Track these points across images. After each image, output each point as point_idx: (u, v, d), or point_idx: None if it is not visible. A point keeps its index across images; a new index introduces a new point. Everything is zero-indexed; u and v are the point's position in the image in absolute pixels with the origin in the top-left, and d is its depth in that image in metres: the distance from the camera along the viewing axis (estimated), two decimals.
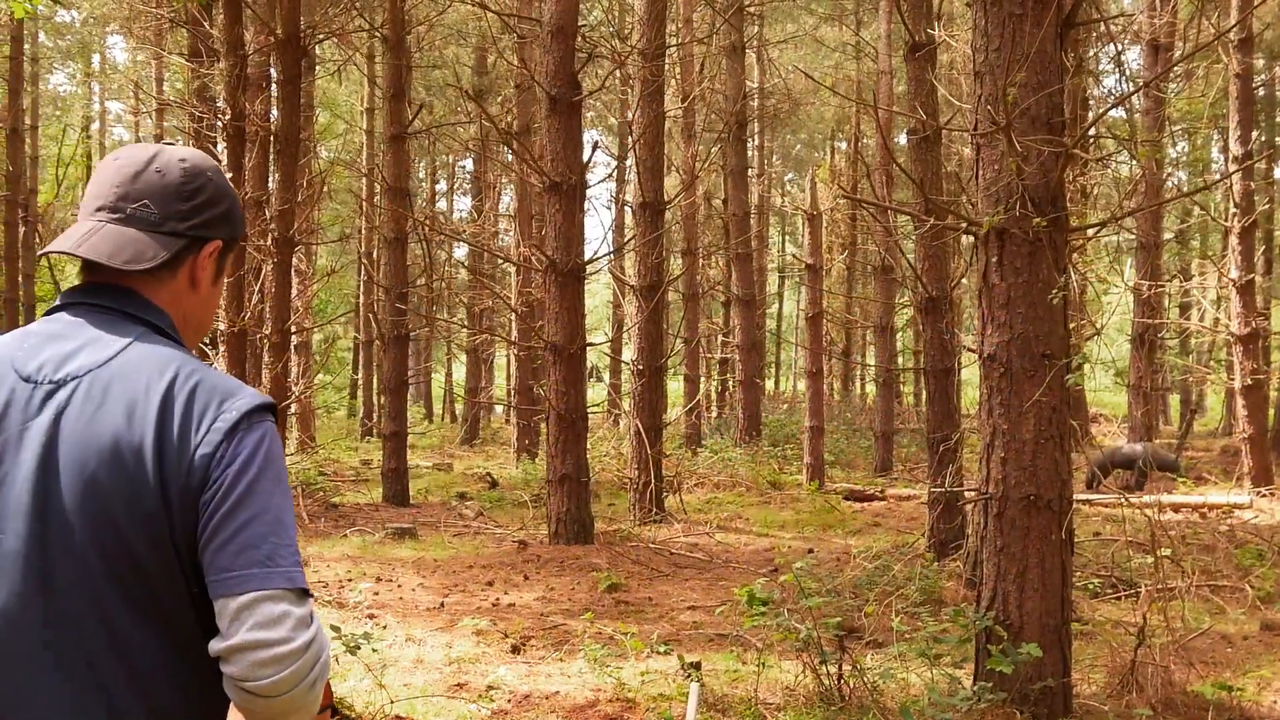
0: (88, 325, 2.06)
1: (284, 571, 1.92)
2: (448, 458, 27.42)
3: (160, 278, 2.13)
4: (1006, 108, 6.08)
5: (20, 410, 1.97)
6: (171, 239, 2.12)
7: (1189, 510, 15.82)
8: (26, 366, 2.01)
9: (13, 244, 25.27)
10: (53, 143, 34.57)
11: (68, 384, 1.98)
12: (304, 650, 1.89)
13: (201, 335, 2.31)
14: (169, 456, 1.93)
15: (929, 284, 12.33)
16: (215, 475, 1.94)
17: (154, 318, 2.11)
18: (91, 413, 1.95)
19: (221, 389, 2.02)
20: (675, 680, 7.39)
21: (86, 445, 1.93)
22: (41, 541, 1.92)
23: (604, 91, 26.16)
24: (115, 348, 2.02)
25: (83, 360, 2.00)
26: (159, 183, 2.13)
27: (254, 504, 1.94)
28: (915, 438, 28.00)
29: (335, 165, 28.89)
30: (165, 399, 1.96)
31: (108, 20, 33.08)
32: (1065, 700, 6.37)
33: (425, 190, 40.32)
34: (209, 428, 1.96)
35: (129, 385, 1.97)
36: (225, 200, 2.22)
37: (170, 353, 2.05)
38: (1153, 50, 20.36)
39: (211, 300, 2.27)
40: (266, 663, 1.86)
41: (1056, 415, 6.36)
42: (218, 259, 2.23)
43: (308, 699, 1.92)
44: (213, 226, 2.19)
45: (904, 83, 14.19)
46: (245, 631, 1.87)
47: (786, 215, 48.81)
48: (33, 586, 1.92)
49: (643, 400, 16.41)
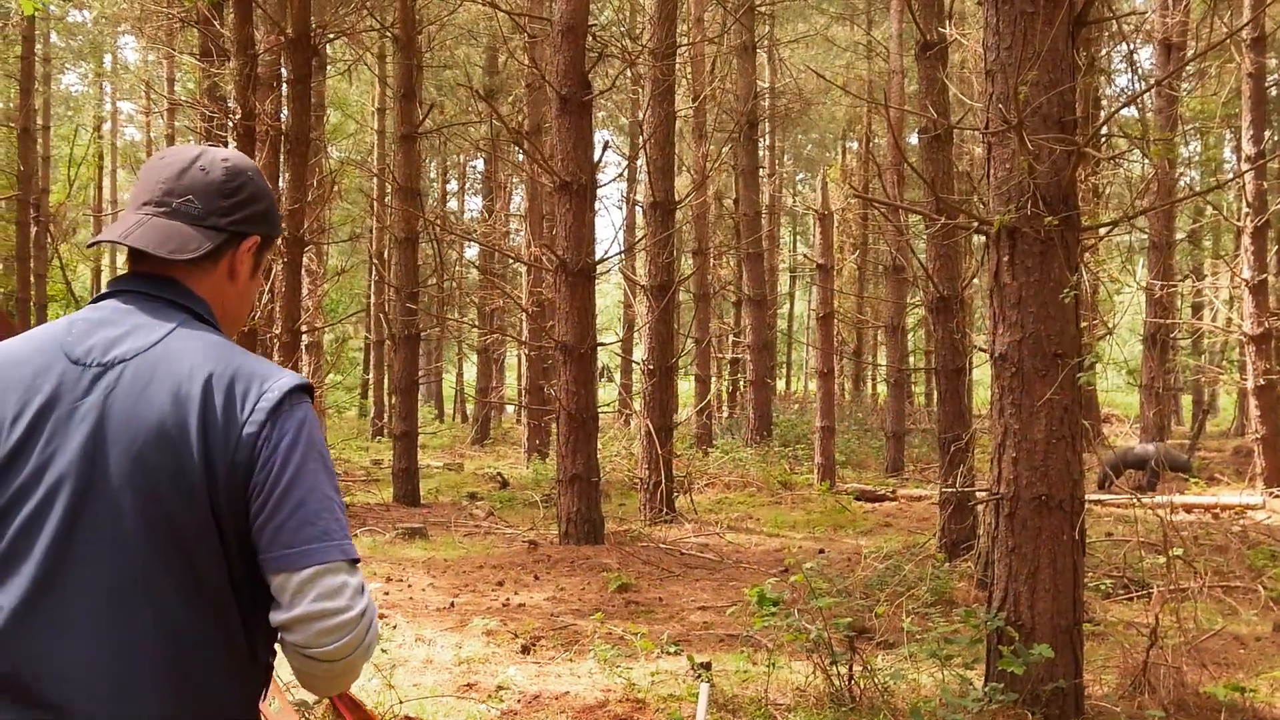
0: (134, 311, 2.18)
1: (338, 544, 2.07)
2: (458, 457, 27.44)
3: (203, 268, 2.27)
4: (1018, 106, 6.06)
5: (70, 391, 2.07)
6: (214, 232, 2.25)
7: (1201, 511, 15.77)
8: (75, 350, 2.11)
9: (24, 244, 25.31)
10: (64, 143, 34.67)
11: (115, 367, 2.08)
12: (361, 617, 2.05)
13: (238, 326, 2.43)
14: (214, 435, 2.03)
15: (940, 283, 12.30)
16: (263, 455, 2.05)
17: (196, 306, 2.23)
18: (138, 394, 2.05)
19: (260, 371, 2.13)
20: (685, 681, 7.37)
21: (133, 424, 2.03)
22: (89, 517, 2.01)
23: (615, 91, 26.15)
24: (160, 333, 2.14)
25: (129, 345, 2.11)
26: (203, 180, 2.27)
27: (304, 483, 2.07)
28: (927, 438, 27.95)
29: (346, 165, 28.89)
30: (208, 381, 2.07)
31: (119, 20, 33.13)
32: (1077, 701, 6.35)
33: (436, 190, 40.33)
34: (253, 407, 2.07)
35: (173, 368, 2.08)
36: (264, 199, 2.35)
37: (211, 338, 2.17)
38: (1165, 49, 20.29)
39: (248, 293, 2.39)
40: (329, 630, 2.01)
41: (1068, 415, 6.34)
42: (256, 254, 2.36)
43: (364, 660, 2.09)
44: (252, 223, 2.32)
45: (915, 82, 14.17)
46: (309, 603, 2.01)
47: (798, 215, 48.77)
48: (79, 561, 2.00)
49: (653, 400, 16.40)
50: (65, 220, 33.26)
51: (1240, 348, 20.83)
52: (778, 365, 43.24)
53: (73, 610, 1.98)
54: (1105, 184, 20.28)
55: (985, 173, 6.73)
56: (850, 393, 40.46)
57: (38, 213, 27.56)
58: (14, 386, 2.09)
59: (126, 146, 44.23)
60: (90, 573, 2.00)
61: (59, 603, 1.99)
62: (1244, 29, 18.00)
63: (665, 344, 16.90)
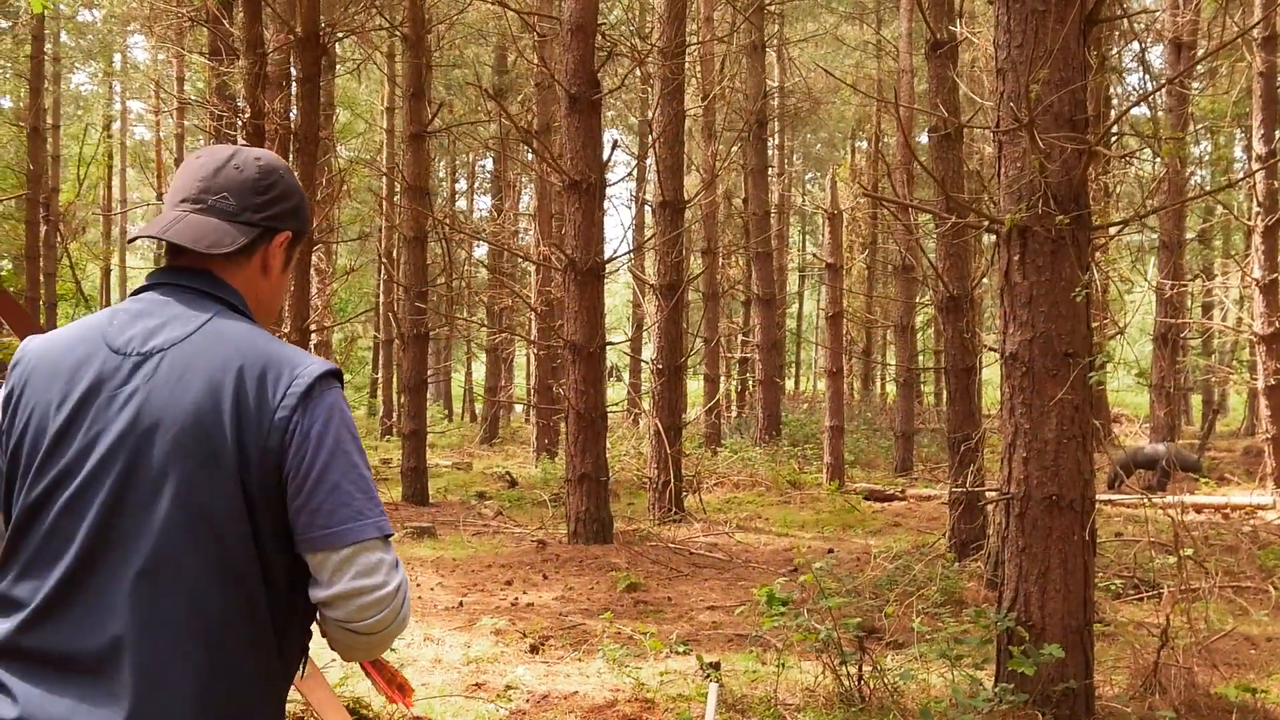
0: (172, 303, 2.29)
1: (373, 522, 2.19)
2: (467, 457, 27.44)
3: (237, 262, 2.38)
4: (1029, 105, 6.04)
5: (111, 380, 2.18)
6: (247, 228, 2.37)
7: (1211, 511, 15.73)
8: (116, 340, 2.22)
9: (34, 242, 25.32)
10: (74, 142, 34.73)
11: (154, 356, 2.19)
12: (397, 591, 2.20)
13: (271, 318, 2.54)
14: (246, 421, 2.14)
15: (950, 283, 12.28)
16: (295, 440, 2.17)
17: (230, 297, 2.34)
18: (175, 382, 2.16)
19: (291, 359, 2.24)
20: (694, 680, 7.36)
21: (170, 411, 2.14)
22: (127, 499, 2.11)
23: (624, 90, 26.13)
24: (196, 323, 2.24)
25: (167, 335, 2.22)
26: (237, 178, 2.39)
27: (337, 465, 2.18)
28: (936, 437, 27.90)
29: (355, 164, 28.90)
30: (240, 369, 2.18)
31: (128, 19, 33.12)
32: (1087, 702, 6.33)
33: (445, 189, 40.33)
34: (284, 393, 2.18)
35: (208, 357, 2.19)
36: (295, 196, 2.48)
37: (245, 328, 2.28)
38: (1175, 48, 20.25)
39: (280, 286, 2.51)
40: (368, 606, 2.15)
41: (1079, 415, 6.32)
42: (287, 248, 2.48)
43: (400, 630, 2.24)
44: (283, 219, 2.44)
45: (924, 81, 14.14)
46: (348, 580, 2.15)
47: (807, 214, 48.76)
48: (116, 541, 2.10)
49: (662, 399, 16.38)
50: (75, 219, 33.26)
51: (1250, 347, 20.74)
52: (786, 364, 43.26)
53: (109, 588, 2.08)
54: (1115, 183, 20.25)
55: (996, 171, 6.71)
56: (859, 392, 40.40)
57: (47, 212, 27.62)
58: (59, 374, 2.21)
59: (136, 145, 44.28)
60: (126, 552, 2.09)
61: (97, 580, 2.09)
62: (1255, 28, 17.94)
63: (674, 343, 16.89)
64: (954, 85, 12.48)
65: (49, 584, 2.10)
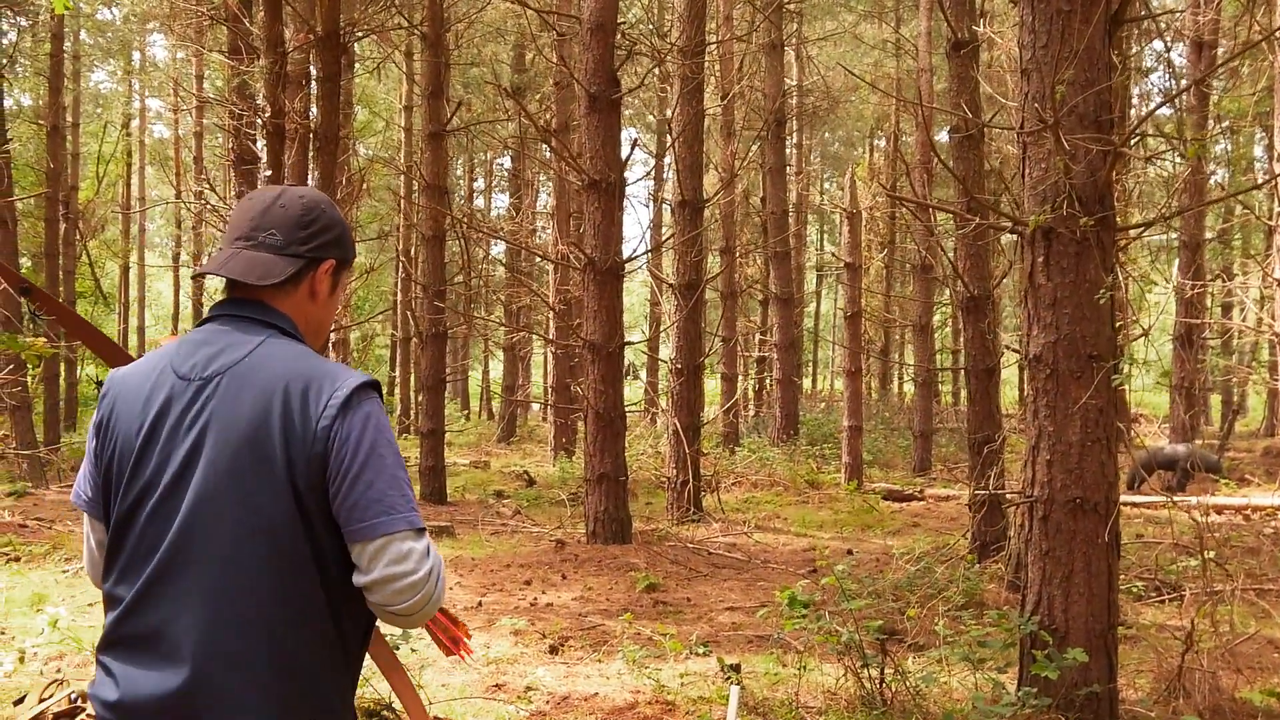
0: (230, 331, 2.60)
1: (404, 516, 2.45)
2: (485, 455, 27.46)
3: (286, 290, 2.68)
4: (1055, 105, 6.00)
5: (179, 402, 2.51)
6: (294, 259, 2.67)
7: (1232, 512, 15.65)
8: (182, 368, 2.56)
9: (53, 240, 25.37)
10: (93, 140, 34.79)
11: (214, 379, 2.51)
12: (428, 577, 2.44)
13: (322, 338, 2.82)
14: (293, 433, 2.43)
15: (971, 283, 12.23)
16: (335, 445, 2.44)
17: (281, 322, 2.64)
18: (232, 400, 2.47)
19: (332, 374, 2.52)
20: (715, 682, 7.34)
21: (230, 427, 2.45)
22: (200, 506, 2.43)
23: (643, 89, 26.12)
24: (249, 347, 2.55)
25: (224, 359, 2.53)
26: (283, 215, 2.69)
27: (373, 467, 2.45)
28: (954, 437, 27.86)
29: (374, 163, 28.92)
30: (287, 386, 2.47)
31: (148, 18, 33.27)
32: (1111, 707, 6.29)
33: (463, 188, 40.33)
34: (326, 404, 2.46)
35: (260, 377, 2.49)
36: (337, 228, 2.77)
37: (292, 349, 2.58)
38: (1196, 48, 20.17)
39: (328, 309, 2.80)
40: (401, 590, 2.41)
41: (1103, 417, 6.28)
42: (333, 275, 2.77)
43: (435, 608, 2.49)
44: (327, 249, 2.73)
45: (944, 80, 14.09)
46: (381, 568, 2.41)
47: (825, 213, 48.66)
48: (194, 543, 2.42)
49: (681, 399, 16.36)
50: (94, 217, 33.32)
51: (1271, 348, 20.66)
52: (804, 364, 43.19)
53: (188, 583, 2.41)
54: (1136, 184, 20.16)
55: (1019, 172, 6.67)
56: (877, 392, 40.36)
57: (66, 209, 27.67)
58: (137, 401, 2.56)
59: (155, 144, 44.37)
60: (202, 552, 2.41)
61: (180, 577, 2.42)
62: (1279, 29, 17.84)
63: (693, 342, 16.86)
64: (975, 85, 12.42)
65: (140, 581, 2.45)
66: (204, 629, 2.39)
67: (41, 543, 12.90)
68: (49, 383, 24.06)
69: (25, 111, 32.25)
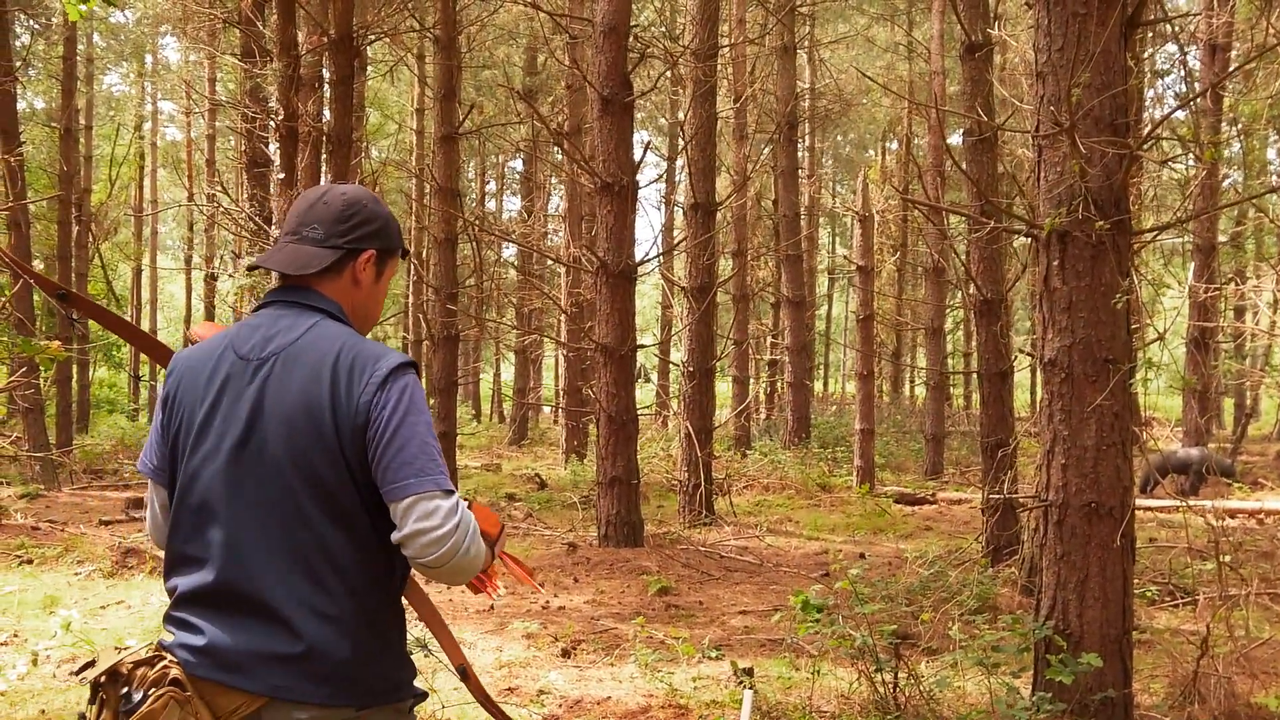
0: (283, 315, 2.90)
1: (431, 478, 2.70)
2: (496, 458, 27.46)
3: (330, 278, 2.97)
4: (1070, 108, 5.98)
5: (238, 379, 2.81)
6: (332, 250, 2.96)
7: (1246, 516, 15.61)
8: (242, 349, 2.85)
9: (65, 243, 25.36)
10: (106, 142, 34.84)
11: (270, 359, 2.80)
12: (454, 531, 2.67)
13: (370, 323, 3.11)
14: (340, 405, 2.72)
15: (984, 286, 12.21)
16: (374, 416, 2.72)
17: (328, 306, 2.93)
18: (286, 377, 2.77)
19: (374, 354, 2.80)
20: (727, 686, 7.33)
21: (284, 400, 2.75)
22: (259, 469, 2.74)
23: (655, 92, 26.11)
24: (301, 330, 2.85)
25: (279, 341, 2.83)
26: (325, 211, 2.99)
27: (403, 434, 2.71)
28: (966, 440, 27.81)
29: (386, 165, 28.94)
30: (335, 364, 2.76)
31: (161, 21, 33.27)
32: (1126, 712, 6.26)
33: (475, 190, 40.37)
34: (366, 382, 2.74)
35: (311, 357, 2.79)
36: (377, 221, 3.03)
37: (340, 330, 2.87)
38: (1210, 51, 20.12)
39: (373, 296, 3.07)
40: (429, 544, 2.66)
41: (1119, 421, 6.25)
42: (375, 264, 3.04)
43: (466, 561, 2.72)
44: (366, 240, 3.00)
45: (957, 83, 14.06)
46: (411, 524, 2.66)
47: (837, 216, 48.63)
48: (256, 500, 2.73)
49: (693, 402, 16.34)
50: (106, 220, 33.39)
51: None
52: (816, 367, 43.14)
53: (258, 535, 2.72)
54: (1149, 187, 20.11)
55: (1034, 175, 6.65)
56: (889, 395, 40.28)
57: (79, 212, 27.72)
58: (201, 377, 2.86)
59: (167, 146, 44.43)
60: (265, 508, 2.72)
61: (249, 531, 2.72)
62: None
63: (705, 345, 16.84)
64: (990, 88, 12.40)
65: (211, 541, 2.75)
66: (282, 582, 2.69)
67: (54, 545, 12.92)
68: (61, 385, 24.05)
69: (38, 114, 32.31)
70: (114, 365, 43.92)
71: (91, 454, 23.59)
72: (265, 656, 2.67)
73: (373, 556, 2.78)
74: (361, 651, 2.74)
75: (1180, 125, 18.47)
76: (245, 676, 2.66)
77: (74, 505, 16.92)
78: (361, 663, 2.75)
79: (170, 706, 2.63)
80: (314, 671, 2.68)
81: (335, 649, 2.70)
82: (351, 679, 2.73)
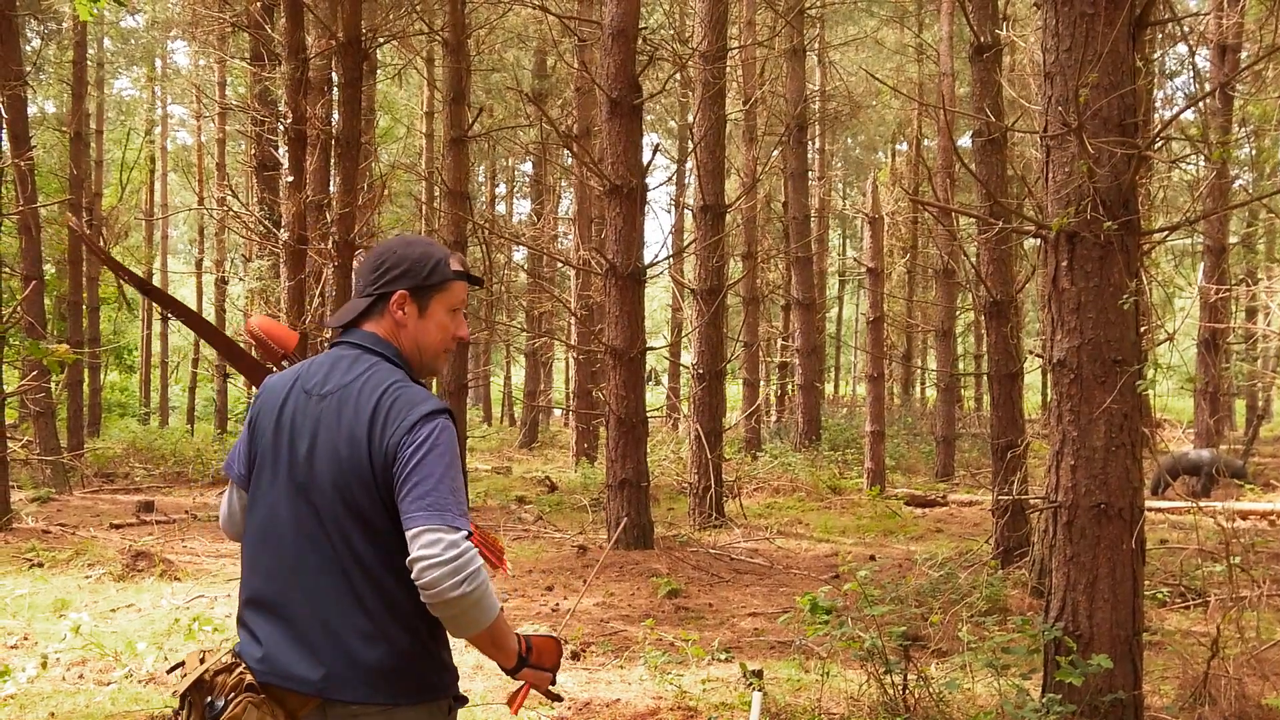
0: (343, 358, 3.23)
1: (439, 513, 2.90)
2: (507, 461, 27.47)
3: (376, 321, 3.28)
4: (1078, 109, 5.97)
5: (302, 412, 3.15)
6: (365, 299, 3.28)
7: (1257, 517, 15.57)
8: (308, 384, 3.19)
9: (76, 248, 25.41)
10: (116, 146, 34.88)
11: (329, 396, 3.13)
12: (451, 560, 2.83)
13: (430, 352, 3.33)
14: (375, 444, 3.01)
15: (993, 287, 12.19)
16: (400, 455, 2.98)
17: (384, 349, 3.24)
18: (339, 413, 3.09)
19: (412, 400, 3.08)
20: (737, 688, 7.32)
21: (335, 434, 3.06)
22: (310, 492, 3.06)
23: (664, 94, 26.10)
24: (357, 372, 3.16)
25: (336, 380, 3.16)
26: (364, 265, 3.35)
27: (421, 471, 2.95)
28: (976, 442, 27.77)
29: (395, 168, 28.95)
30: (377, 405, 3.06)
31: (171, 25, 33.34)
32: (1136, 713, 6.24)
33: (485, 193, 40.35)
34: (398, 425, 3.02)
35: (362, 397, 3.09)
36: (403, 264, 3.27)
37: (390, 375, 3.16)
38: (1219, 51, 20.08)
39: (423, 329, 3.30)
40: (426, 569, 2.83)
41: (1128, 422, 6.23)
42: (412, 301, 3.27)
43: (467, 600, 2.85)
44: (393, 283, 3.26)
45: (966, 84, 14.04)
46: (417, 550, 2.86)
47: (847, 218, 48.59)
48: (307, 522, 3.05)
49: (703, 404, 16.33)
50: (117, 224, 33.49)
51: None
52: (826, 369, 43.08)
53: (305, 554, 3.04)
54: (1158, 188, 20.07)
55: (1043, 176, 6.63)
56: (899, 397, 40.23)
57: (90, 216, 27.74)
58: (274, 405, 3.20)
59: (177, 150, 44.52)
60: (318, 532, 3.03)
61: (299, 550, 3.05)
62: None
63: (715, 348, 16.81)
64: (998, 89, 12.38)
65: (273, 555, 3.09)
66: (322, 592, 3.00)
67: (64, 548, 12.95)
68: (72, 389, 24.07)
69: (49, 118, 32.39)
70: (125, 369, 44.02)
71: (103, 457, 23.65)
72: (313, 662, 2.99)
73: (407, 575, 2.95)
74: (397, 654, 3.01)
75: (1190, 126, 18.44)
76: (296, 681, 2.98)
77: (85, 509, 16.96)
78: (395, 665, 3.01)
79: (249, 710, 2.95)
80: (356, 675, 2.98)
81: (370, 653, 2.98)
82: (388, 679, 3.00)
